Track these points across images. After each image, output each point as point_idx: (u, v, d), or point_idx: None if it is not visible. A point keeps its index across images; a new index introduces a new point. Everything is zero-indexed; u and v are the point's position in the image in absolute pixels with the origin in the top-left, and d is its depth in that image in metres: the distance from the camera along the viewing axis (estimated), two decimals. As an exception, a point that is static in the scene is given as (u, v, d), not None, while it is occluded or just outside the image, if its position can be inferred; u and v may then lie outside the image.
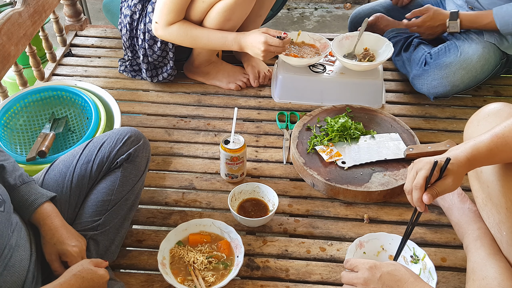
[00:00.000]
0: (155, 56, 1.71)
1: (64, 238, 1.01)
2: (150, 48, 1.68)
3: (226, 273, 1.14)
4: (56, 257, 1.00)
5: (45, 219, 1.02)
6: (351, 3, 3.23)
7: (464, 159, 0.95)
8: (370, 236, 1.16)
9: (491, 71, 1.71)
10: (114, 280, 1.08)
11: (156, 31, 1.57)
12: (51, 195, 1.06)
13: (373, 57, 1.71)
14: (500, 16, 1.59)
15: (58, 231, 1.01)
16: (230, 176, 1.41)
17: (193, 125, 1.65)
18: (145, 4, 1.66)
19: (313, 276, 1.18)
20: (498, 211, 1.04)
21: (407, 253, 1.15)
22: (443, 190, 0.96)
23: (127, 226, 1.18)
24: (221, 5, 1.50)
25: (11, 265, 0.90)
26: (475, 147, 0.96)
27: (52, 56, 1.94)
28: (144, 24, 1.65)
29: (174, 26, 1.54)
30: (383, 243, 1.16)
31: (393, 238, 1.16)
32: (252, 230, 1.30)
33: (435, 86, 1.67)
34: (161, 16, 1.52)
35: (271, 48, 1.50)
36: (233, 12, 1.51)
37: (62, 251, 1.00)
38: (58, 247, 1.00)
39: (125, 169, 1.15)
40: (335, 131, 1.49)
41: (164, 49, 1.70)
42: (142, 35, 1.67)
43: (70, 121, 1.57)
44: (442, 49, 1.69)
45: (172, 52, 1.71)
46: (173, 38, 1.57)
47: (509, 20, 1.58)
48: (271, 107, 1.73)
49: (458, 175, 0.96)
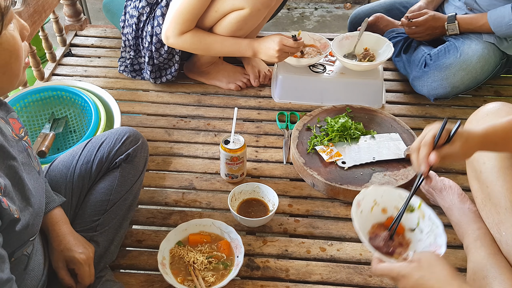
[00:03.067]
0: (161, 59, 1.71)
1: (72, 245, 1.00)
2: (157, 51, 1.68)
3: (226, 273, 1.14)
4: (63, 265, 1.00)
5: (53, 225, 1.01)
6: (351, 3, 3.23)
7: (477, 133, 0.94)
8: (363, 193, 1.08)
9: (491, 71, 1.71)
10: (113, 281, 1.08)
11: (167, 40, 1.56)
12: (62, 201, 1.05)
13: (373, 57, 1.71)
14: (493, 18, 1.61)
15: (65, 238, 1.00)
16: (230, 176, 1.41)
17: (193, 125, 1.65)
18: (153, 7, 1.66)
19: (313, 276, 1.18)
20: (498, 211, 1.04)
21: None
22: (450, 154, 0.93)
23: (126, 226, 1.18)
24: (234, 15, 1.50)
25: (30, 269, 0.90)
26: (491, 126, 0.95)
27: (52, 56, 1.94)
28: (152, 27, 1.65)
29: (187, 35, 1.54)
30: (375, 197, 1.10)
31: (384, 190, 1.11)
32: (252, 230, 1.30)
33: (435, 88, 1.67)
34: (174, 25, 1.51)
35: (285, 49, 1.52)
36: (246, 23, 1.53)
37: (69, 258, 0.99)
38: (65, 254, 0.99)
39: (123, 169, 1.15)
40: (335, 131, 1.49)
41: (171, 52, 1.70)
42: (149, 38, 1.67)
43: (70, 121, 1.56)
44: (441, 50, 1.69)
45: (178, 56, 1.71)
46: (186, 46, 1.57)
47: (502, 22, 1.59)
48: (271, 107, 1.73)
49: (468, 144, 0.94)
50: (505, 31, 1.61)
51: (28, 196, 0.81)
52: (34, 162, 0.89)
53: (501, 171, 1.04)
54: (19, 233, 0.77)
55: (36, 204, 0.83)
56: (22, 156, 0.85)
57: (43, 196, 0.88)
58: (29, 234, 0.82)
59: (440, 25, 1.72)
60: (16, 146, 0.85)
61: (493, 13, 1.62)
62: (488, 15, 1.63)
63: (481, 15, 1.65)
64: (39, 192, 0.86)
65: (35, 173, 0.88)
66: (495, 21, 1.61)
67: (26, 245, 0.83)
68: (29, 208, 0.80)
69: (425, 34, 1.76)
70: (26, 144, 0.89)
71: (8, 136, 0.83)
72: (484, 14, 1.64)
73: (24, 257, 0.86)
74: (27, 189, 0.81)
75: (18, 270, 0.85)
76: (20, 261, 0.85)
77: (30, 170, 0.86)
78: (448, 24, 1.70)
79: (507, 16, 1.57)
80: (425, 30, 1.74)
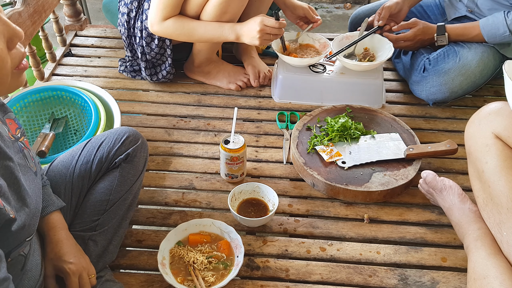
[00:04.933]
0: (153, 54, 1.71)
1: (63, 253, 0.98)
2: (148, 45, 1.68)
3: (226, 273, 1.14)
4: (50, 273, 0.98)
5: (49, 230, 1.00)
6: (351, 3, 3.23)
7: None
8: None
9: (490, 75, 1.71)
10: (113, 281, 1.08)
11: (151, 27, 1.57)
12: (61, 205, 1.04)
13: (373, 57, 1.71)
14: (487, 30, 1.60)
15: (57, 245, 0.99)
16: (230, 176, 1.41)
17: (193, 125, 1.65)
18: (141, 1, 1.66)
19: (313, 276, 1.18)
20: (499, 211, 1.04)
21: None
22: None
23: (126, 226, 1.18)
24: None
25: (28, 269, 0.89)
26: None
27: (52, 56, 1.94)
28: (141, 22, 1.65)
29: (169, 21, 1.53)
30: None
31: None
32: (252, 230, 1.30)
33: (434, 93, 1.67)
34: (157, 11, 1.52)
35: (267, 29, 1.48)
36: (229, 4, 1.50)
37: (58, 267, 0.98)
38: (55, 262, 0.98)
39: (123, 169, 1.14)
40: (335, 131, 1.49)
41: (162, 46, 1.70)
42: (139, 33, 1.67)
43: (70, 121, 1.56)
44: (440, 55, 1.69)
45: (170, 49, 1.70)
46: (169, 32, 1.57)
47: (496, 33, 1.59)
48: (271, 107, 1.73)
49: None
50: (499, 41, 1.61)
51: (24, 196, 0.80)
52: (30, 163, 0.89)
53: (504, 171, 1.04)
54: (15, 233, 0.76)
55: (32, 205, 0.82)
56: (18, 157, 0.85)
57: (39, 196, 0.88)
58: (26, 234, 0.81)
59: (429, 37, 1.69)
60: (13, 147, 0.84)
61: (486, 24, 1.60)
62: (480, 26, 1.61)
63: (473, 25, 1.63)
64: (36, 192, 0.86)
65: (31, 174, 0.88)
66: (489, 33, 1.60)
67: (23, 245, 0.82)
68: (25, 209, 0.80)
69: (414, 47, 1.74)
70: (23, 145, 0.89)
71: (5, 136, 0.83)
72: (476, 24, 1.62)
73: (21, 257, 0.85)
74: (23, 190, 0.81)
75: (15, 271, 0.85)
76: (17, 261, 0.84)
77: (26, 171, 0.86)
78: (438, 36, 1.68)
79: (502, 28, 1.57)
80: (414, 44, 1.72)
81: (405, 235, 1.28)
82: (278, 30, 1.50)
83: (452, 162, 1.50)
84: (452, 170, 1.48)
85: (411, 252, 1.24)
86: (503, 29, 1.56)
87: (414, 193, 1.39)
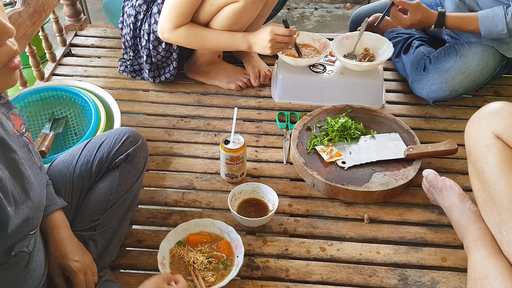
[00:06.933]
0: (159, 57, 1.71)
1: (67, 252, 0.99)
2: (155, 48, 1.68)
3: (226, 273, 1.14)
4: (58, 271, 0.99)
5: (52, 228, 1.01)
6: (351, 3, 3.23)
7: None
8: None
9: (490, 74, 1.71)
10: (113, 281, 1.08)
11: (162, 34, 1.56)
12: (63, 205, 1.05)
13: (373, 57, 1.71)
14: (485, 25, 1.59)
15: (62, 244, 1.00)
16: (230, 176, 1.41)
17: (193, 125, 1.65)
18: (150, 4, 1.66)
19: (313, 276, 1.18)
20: (499, 211, 1.04)
21: None
22: None
23: (126, 226, 1.18)
24: (230, 8, 1.49)
25: (32, 268, 0.89)
26: None
27: (52, 56, 1.94)
28: (149, 25, 1.65)
29: (181, 29, 1.53)
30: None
31: None
32: (252, 230, 1.30)
33: (434, 91, 1.66)
34: (169, 19, 1.51)
35: (277, 38, 1.49)
36: (242, 16, 1.51)
37: (63, 266, 0.99)
38: (60, 261, 0.99)
39: (123, 169, 1.15)
40: (335, 131, 1.49)
41: (169, 50, 1.70)
42: (146, 36, 1.67)
43: (70, 121, 1.56)
44: (441, 53, 1.69)
45: (176, 53, 1.71)
46: (180, 40, 1.56)
47: (494, 30, 1.58)
48: (271, 107, 1.73)
49: None
50: (495, 37, 1.61)
51: (27, 189, 0.80)
52: (35, 157, 0.89)
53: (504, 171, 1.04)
54: (19, 226, 0.76)
55: (36, 198, 0.82)
56: (23, 151, 0.85)
57: (43, 190, 0.88)
58: (29, 228, 0.81)
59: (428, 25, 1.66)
60: (17, 142, 0.84)
61: (486, 19, 1.59)
62: (479, 20, 1.59)
63: (471, 18, 1.61)
64: (40, 186, 0.86)
65: (36, 167, 0.88)
66: (487, 28, 1.59)
67: (27, 239, 0.82)
68: (28, 201, 0.80)
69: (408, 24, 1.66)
70: (27, 140, 0.89)
71: (9, 130, 0.83)
72: (474, 17, 1.60)
73: (25, 254, 0.85)
74: (27, 183, 0.81)
75: (19, 267, 0.85)
76: (21, 257, 0.84)
77: (31, 165, 0.86)
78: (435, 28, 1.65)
79: (500, 25, 1.56)
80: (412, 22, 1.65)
81: (405, 235, 1.28)
82: (289, 38, 1.51)
83: (452, 162, 1.50)
84: (452, 170, 1.48)
85: (411, 252, 1.24)
86: (502, 27, 1.56)
87: (414, 193, 1.39)
